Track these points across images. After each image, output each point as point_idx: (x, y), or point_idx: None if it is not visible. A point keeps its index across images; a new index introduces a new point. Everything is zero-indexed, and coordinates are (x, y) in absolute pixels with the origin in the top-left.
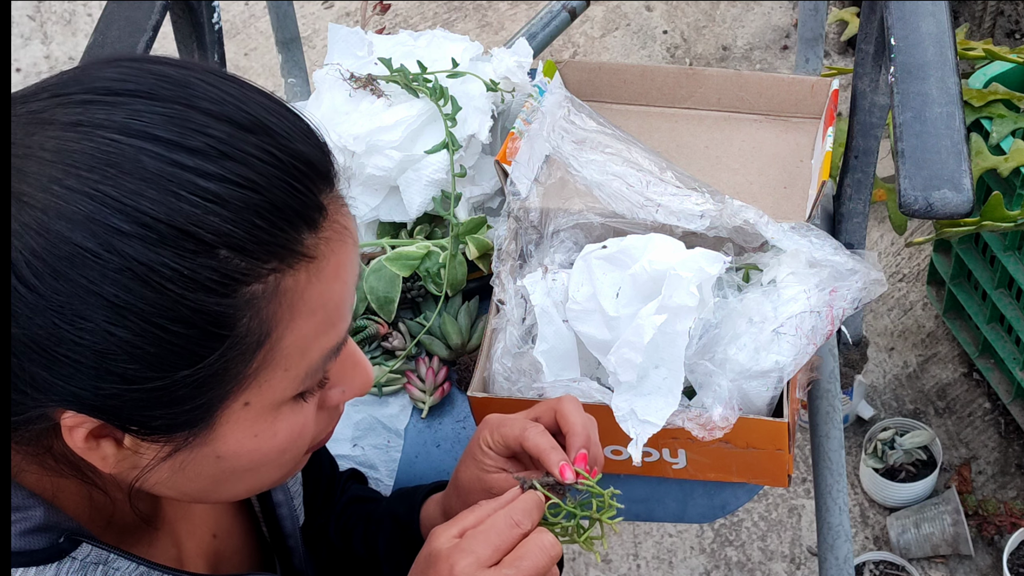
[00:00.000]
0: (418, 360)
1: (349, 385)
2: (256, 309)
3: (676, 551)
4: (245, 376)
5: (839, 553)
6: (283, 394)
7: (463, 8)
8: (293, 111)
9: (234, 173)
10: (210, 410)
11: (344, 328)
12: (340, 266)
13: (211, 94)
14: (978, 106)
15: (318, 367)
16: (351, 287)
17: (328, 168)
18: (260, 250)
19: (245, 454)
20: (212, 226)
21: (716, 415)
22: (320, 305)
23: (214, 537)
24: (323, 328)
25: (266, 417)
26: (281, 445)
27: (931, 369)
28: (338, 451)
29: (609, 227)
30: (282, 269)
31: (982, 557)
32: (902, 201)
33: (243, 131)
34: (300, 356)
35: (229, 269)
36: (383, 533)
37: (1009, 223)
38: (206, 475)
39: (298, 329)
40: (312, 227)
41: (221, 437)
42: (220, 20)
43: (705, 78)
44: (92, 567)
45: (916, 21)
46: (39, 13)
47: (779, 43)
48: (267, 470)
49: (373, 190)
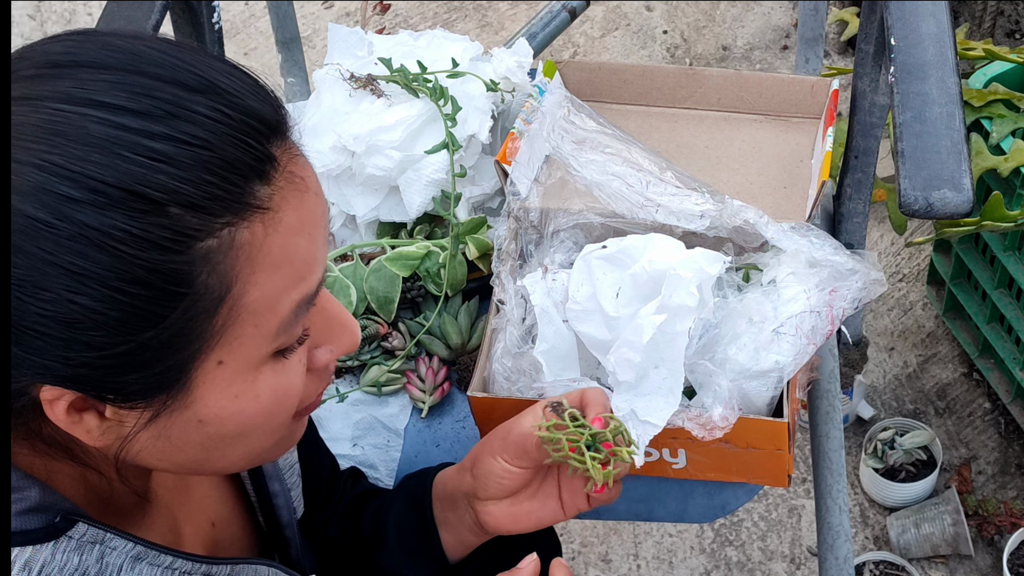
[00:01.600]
0: (418, 360)
1: (336, 343)
2: (213, 264)
3: (676, 551)
4: (212, 333)
5: (839, 553)
6: (258, 351)
7: (463, 8)
8: (243, 70)
9: (181, 131)
10: (183, 371)
11: (315, 281)
12: (301, 218)
13: (159, 59)
14: (978, 106)
15: (290, 320)
16: (318, 239)
17: (279, 121)
18: (212, 205)
19: (228, 417)
20: (160, 184)
21: (716, 415)
22: (284, 258)
23: (212, 525)
24: (291, 281)
25: (244, 376)
26: (265, 407)
27: (931, 369)
28: (338, 451)
29: (609, 227)
30: (236, 223)
31: (982, 557)
32: (902, 201)
33: (190, 91)
34: (269, 310)
35: (181, 226)
36: (395, 507)
37: (1009, 223)
38: (193, 442)
39: (262, 283)
40: (264, 179)
41: (200, 399)
42: (220, 20)
43: (705, 78)
44: (88, 546)
45: (916, 21)
46: (39, 13)
47: (779, 43)
48: (257, 436)
49: (373, 190)
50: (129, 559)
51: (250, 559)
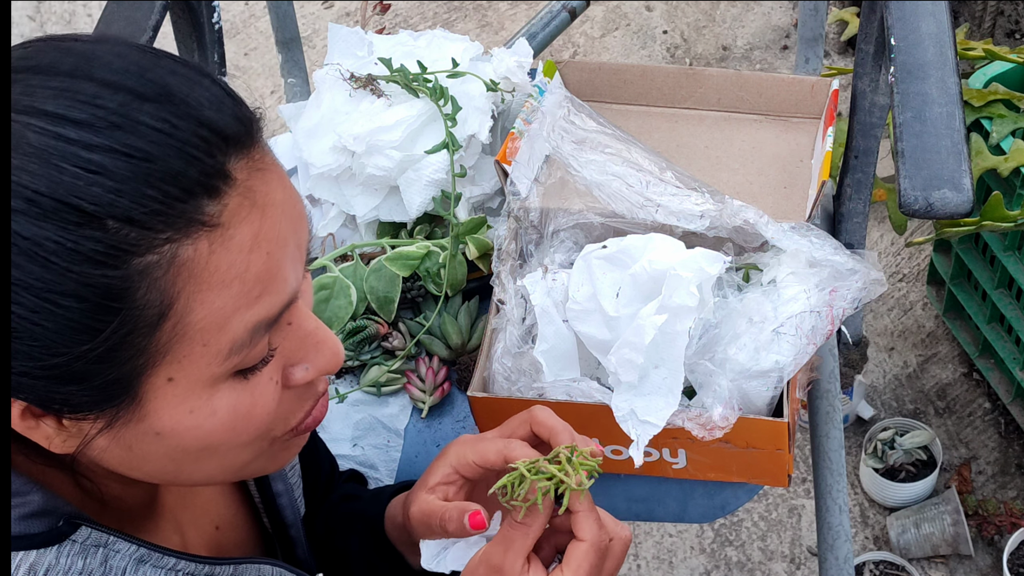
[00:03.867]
0: (418, 360)
1: (313, 363)
2: (152, 280)
3: (676, 551)
4: (156, 350)
5: (839, 553)
6: (209, 370)
7: (463, 8)
8: (210, 78)
9: (121, 143)
10: (129, 385)
11: (277, 302)
12: (258, 235)
13: (114, 64)
14: (978, 106)
15: (244, 341)
16: (280, 257)
17: (241, 133)
18: (150, 220)
19: (186, 432)
20: (95, 197)
21: (716, 415)
22: (233, 276)
23: (216, 528)
24: (243, 301)
25: (199, 393)
26: (224, 424)
27: (931, 369)
28: (338, 451)
29: (609, 227)
30: (177, 239)
31: (982, 557)
32: (902, 201)
33: (140, 100)
34: (218, 330)
35: (117, 240)
36: (355, 532)
37: (1009, 223)
38: (158, 454)
39: (208, 301)
40: (213, 194)
41: (153, 413)
42: (220, 20)
43: (705, 78)
44: (92, 549)
45: (916, 21)
46: (39, 13)
47: (779, 43)
48: (228, 451)
49: (373, 190)
50: (133, 562)
51: (254, 558)
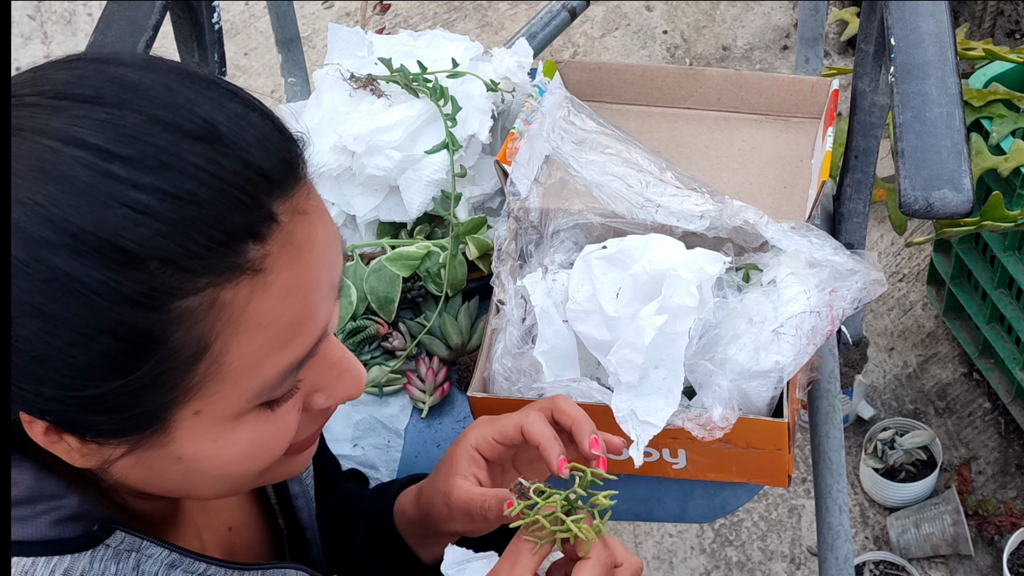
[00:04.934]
0: (418, 360)
1: (333, 393)
2: (191, 323)
3: (676, 551)
4: (187, 388)
5: (839, 553)
6: (238, 406)
7: (463, 8)
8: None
9: (170, 184)
10: (156, 418)
11: (309, 342)
12: (296, 281)
13: (163, 99)
14: (978, 106)
15: (276, 383)
16: (315, 302)
17: (287, 174)
18: (194, 264)
19: (207, 458)
20: (140, 238)
21: (716, 415)
22: (270, 320)
23: (229, 530)
24: (276, 345)
25: (223, 425)
26: (245, 452)
27: (931, 369)
28: (338, 451)
29: (609, 227)
30: (219, 283)
31: (982, 557)
32: (902, 201)
33: (188, 139)
34: (250, 371)
35: (159, 283)
36: (361, 530)
37: (1009, 223)
38: (175, 474)
39: (244, 344)
40: (258, 239)
41: (177, 440)
42: (220, 20)
43: (705, 78)
44: (125, 554)
45: (916, 21)
46: (39, 13)
47: (779, 43)
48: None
49: (373, 190)
50: (164, 567)
51: (280, 564)
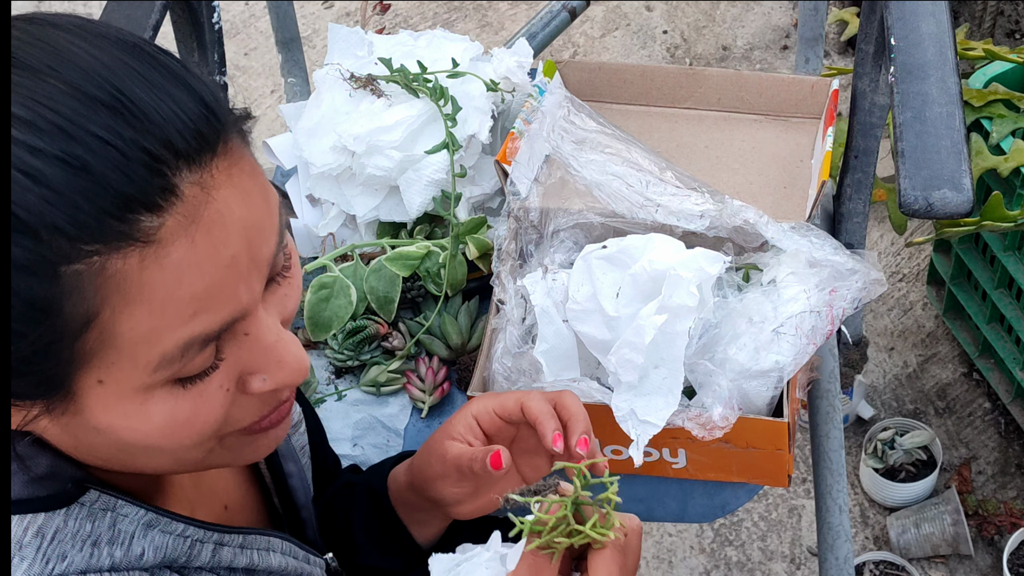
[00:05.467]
0: (418, 360)
1: (271, 376)
2: (79, 291)
3: (676, 551)
4: (81, 356)
5: (839, 553)
6: (139, 379)
7: (463, 8)
8: (184, 87)
9: (63, 150)
10: (59, 384)
11: (217, 319)
12: (200, 254)
13: (84, 66)
14: (978, 106)
15: (175, 357)
16: (225, 278)
17: (198, 149)
18: (81, 232)
19: (123, 431)
20: (29, 205)
21: (716, 415)
22: (167, 295)
23: (225, 508)
24: (176, 320)
25: (132, 399)
26: (162, 429)
27: (931, 369)
28: (338, 451)
29: (609, 227)
30: (107, 252)
31: (982, 557)
32: (902, 201)
33: (95, 108)
34: (146, 344)
35: (46, 250)
36: (357, 505)
37: (1009, 223)
38: (103, 446)
39: (135, 315)
40: (152, 210)
41: (88, 409)
42: (220, 20)
43: (705, 78)
44: (100, 513)
45: (916, 21)
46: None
47: (779, 43)
48: (172, 451)
49: (373, 190)
50: (141, 526)
51: (263, 530)
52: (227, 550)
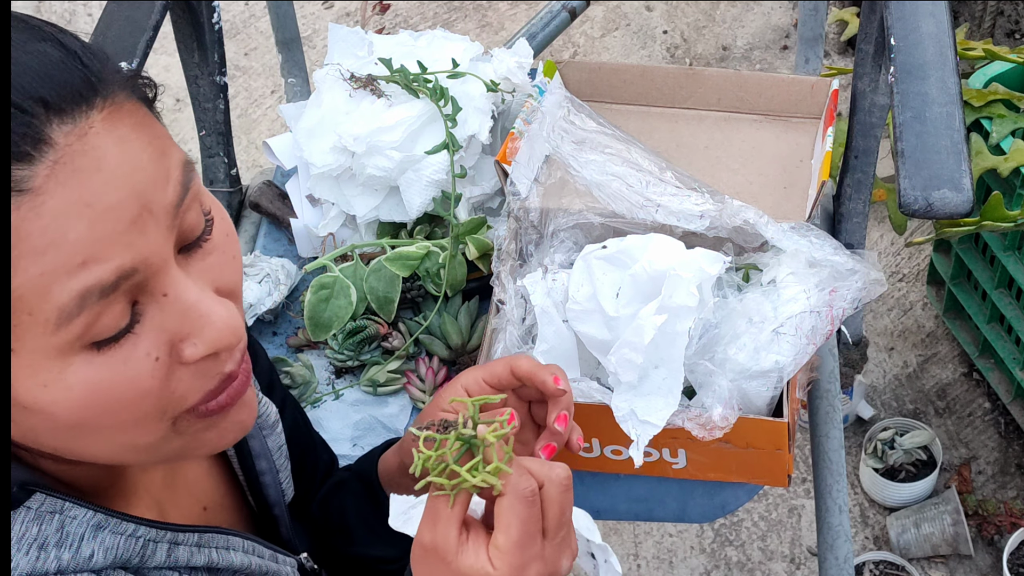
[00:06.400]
0: (418, 360)
1: (199, 338)
2: None
3: (676, 551)
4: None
5: (839, 553)
6: (46, 340)
7: (463, 8)
8: (55, 40)
9: None
10: None
11: (109, 268)
12: (77, 200)
13: None
14: (978, 106)
15: (72, 311)
16: (108, 224)
17: (67, 98)
18: None
19: (49, 407)
20: None
21: (716, 415)
22: (48, 242)
23: (204, 509)
24: (63, 268)
25: (47, 367)
26: (87, 400)
27: (931, 369)
28: (338, 451)
29: (609, 227)
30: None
31: (982, 557)
32: (902, 201)
33: None
34: (39, 298)
35: None
36: (350, 495)
37: (1009, 223)
38: (38, 429)
39: (23, 268)
40: (23, 160)
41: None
42: (220, 20)
43: (705, 78)
44: (48, 516)
45: (916, 21)
46: (39, 13)
47: (779, 43)
48: (109, 431)
49: (373, 190)
50: (91, 528)
51: (221, 528)
52: (183, 549)
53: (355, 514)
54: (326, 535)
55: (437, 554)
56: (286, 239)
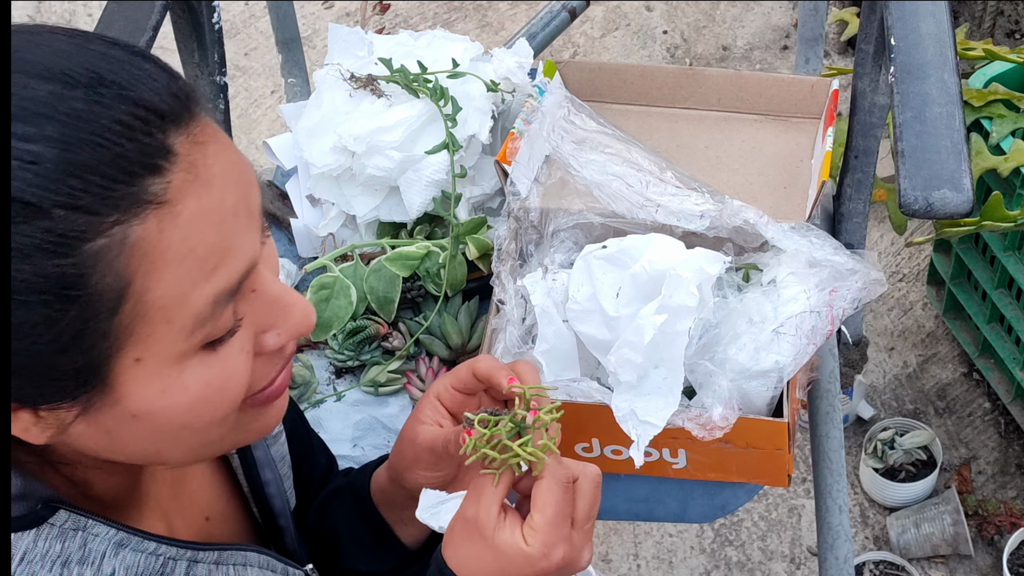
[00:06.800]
0: (418, 360)
1: (283, 327)
2: (106, 264)
3: (676, 551)
4: (118, 333)
5: (839, 553)
6: (176, 346)
7: (463, 8)
8: (143, 55)
9: (54, 131)
10: (97, 371)
11: (235, 272)
12: (206, 208)
13: (41, 55)
14: (978, 106)
15: (207, 314)
16: (231, 228)
17: (176, 108)
18: (96, 204)
19: (160, 411)
20: (36, 187)
21: (716, 415)
22: (187, 251)
23: (207, 520)
24: (199, 274)
25: (168, 371)
26: (198, 398)
27: (931, 369)
28: (338, 451)
29: (609, 227)
30: (126, 220)
31: (982, 557)
32: (902, 201)
33: (71, 87)
34: (179, 305)
35: (65, 228)
36: (342, 507)
37: (1009, 223)
38: (137, 436)
39: (165, 278)
40: (156, 172)
41: (127, 396)
42: (220, 20)
43: (705, 78)
44: (71, 533)
45: (916, 21)
46: (39, 13)
47: (779, 43)
48: (204, 427)
49: (373, 190)
50: (112, 545)
51: (239, 545)
52: (202, 567)
53: (346, 530)
54: (320, 544)
55: (477, 527)
56: (286, 239)
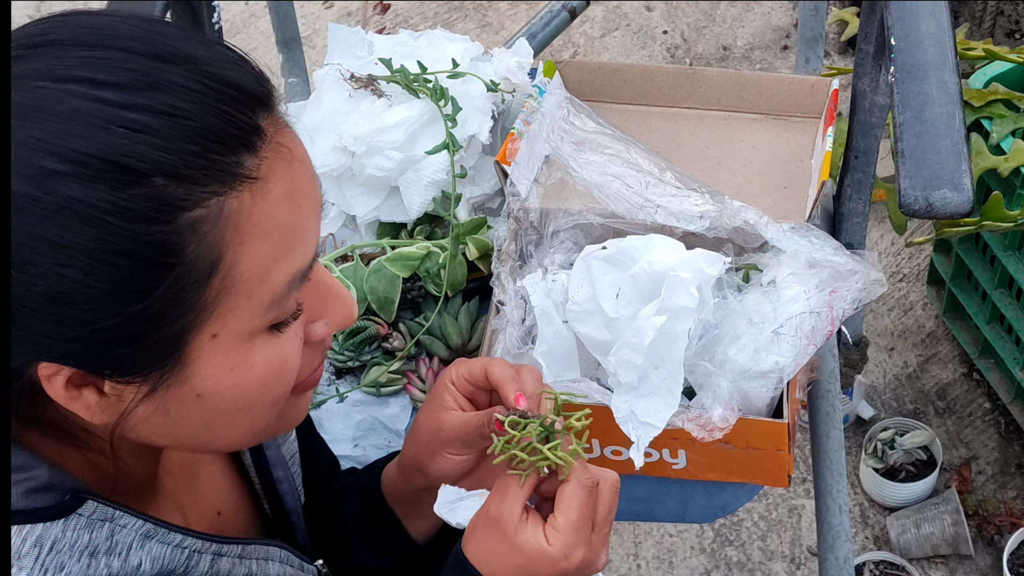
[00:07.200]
0: (418, 360)
1: (331, 317)
2: (201, 234)
3: (676, 551)
4: (204, 306)
5: (839, 553)
6: (251, 323)
7: (463, 8)
8: (224, 44)
9: (160, 102)
10: (176, 345)
11: (308, 253)
12: (289, 188)
13: (132, 33)
14: (978, 106)
15: (283, 292)
16: (307, 211)
17: (264, 92)
18: (197, 174)
19: (225, 390)
20: (143, 155)
21: (716, 416)
22: (272, 227)
23: (218, 514)
24: (281, 251)
25: (239, 349)
26: (261, 379)
27: (931, 369)
28: (339, 451)
29: (609, 228)
30: (224, 192)
31: (982, 557)
32: (902, 201)
33: (166, 63)
34: (261, 281)
35: (166, 196)
36: (351, 504)
37: (1009, 223)
38: (193, 418)
39: (252, 252)
40: (251, 149)
41: (197, 373)
42: (220, 20)
43: (705, 78)
44: (99, 523)
45: (916, 21)
46: (39, 13)
47: (779, 43)
48: (257, 410)
49: (373, 190)
50: (139, 536)
51: (262, 540)
52: (225, 560)
53: (356, 526)
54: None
55: (500, 524)
56: None
